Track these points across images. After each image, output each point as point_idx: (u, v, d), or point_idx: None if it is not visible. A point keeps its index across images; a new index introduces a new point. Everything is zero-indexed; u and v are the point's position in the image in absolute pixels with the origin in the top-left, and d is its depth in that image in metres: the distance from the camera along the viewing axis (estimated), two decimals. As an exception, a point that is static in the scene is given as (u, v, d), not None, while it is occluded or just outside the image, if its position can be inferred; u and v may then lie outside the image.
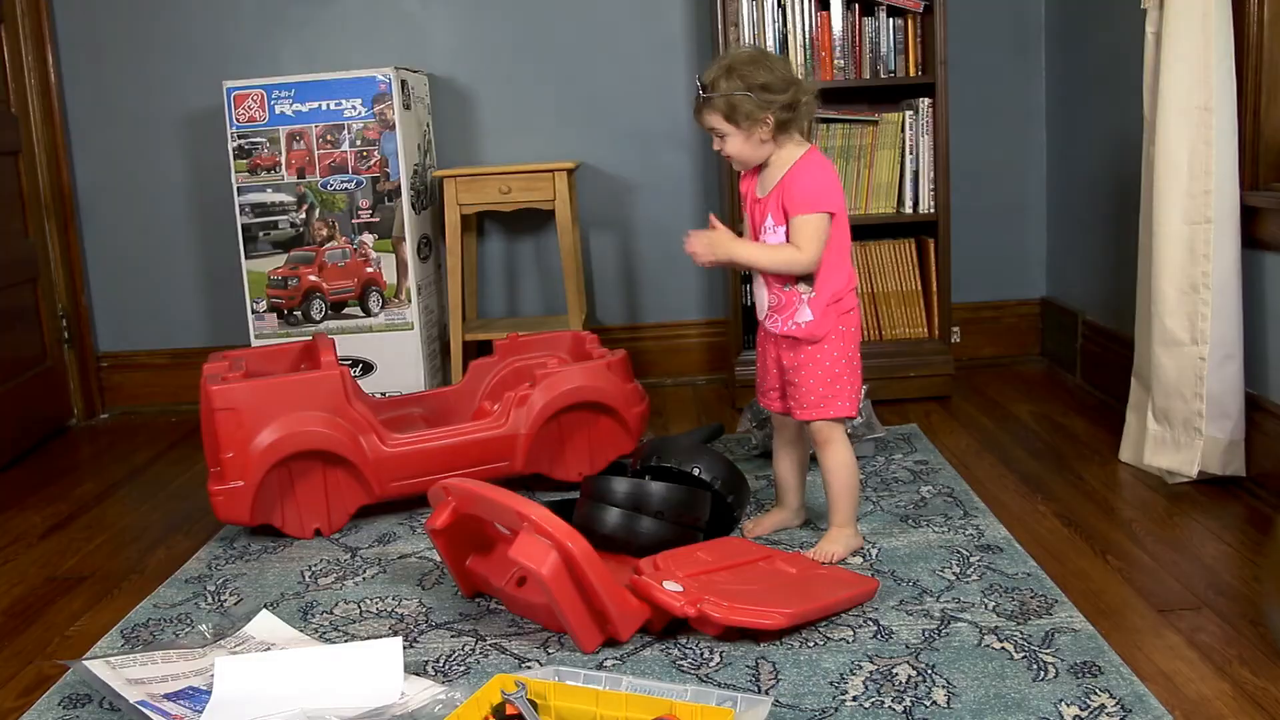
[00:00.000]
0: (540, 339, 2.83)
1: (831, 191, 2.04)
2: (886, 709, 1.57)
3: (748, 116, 2.01)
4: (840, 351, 2.08)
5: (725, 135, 2.05)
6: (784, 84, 2.01)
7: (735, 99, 1.99)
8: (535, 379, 2.49)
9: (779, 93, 2.00)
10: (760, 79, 2.00)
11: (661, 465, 2.16)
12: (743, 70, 2.00)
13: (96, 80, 3.53)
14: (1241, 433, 2.35)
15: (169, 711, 1.61)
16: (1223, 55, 2.26)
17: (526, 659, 1.78)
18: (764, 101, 1.99)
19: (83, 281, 3.60)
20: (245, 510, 2.28)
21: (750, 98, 1.99)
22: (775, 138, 2.04)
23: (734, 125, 2.03)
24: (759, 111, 2.00)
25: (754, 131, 2.02)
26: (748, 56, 2.04)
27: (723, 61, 2.04)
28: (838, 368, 2.08)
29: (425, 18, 3.50)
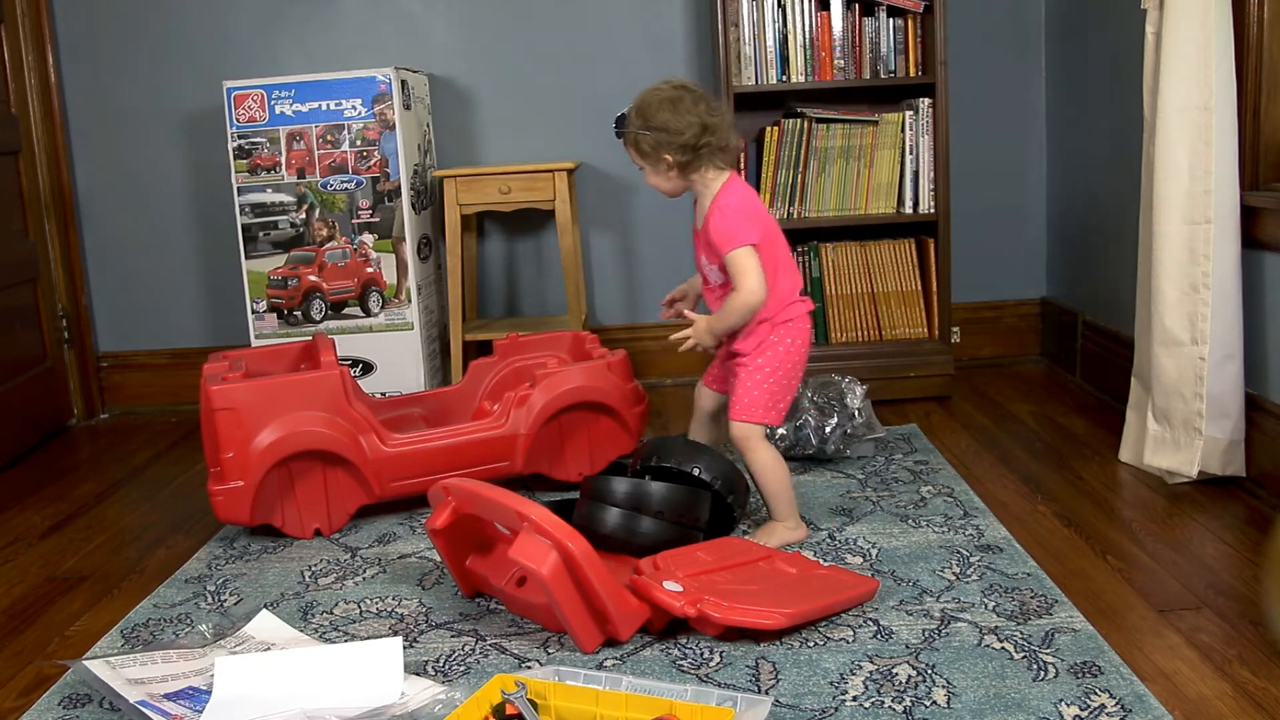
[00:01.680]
0: (540, 339, 2.83)
1: (744, 227, 2.10)
2: (886, 709, 1.57)
3: (648, 155, 2.13)
4: (774, 365, 2.17)
5: (641, 168, 2.18)
6: (684, 126, 2.09)
7: (639, 137, 2.12)
8: (535, 379, 2.49)
9: (677, 134, 2.09)
10: (661, 119, 2.09)
11: (661, 465, 2.16)
12: (648, 111, 2.11)
13: (96, 80, 3.54)
14: (1241, 433, 2.35)
15: (169, 711, 1.61)
16: (1223, 55, 2.26)
17: (526, 659, 1.78)
18: (659, 141, 2.10)
19: (83, 281, 3.60)
20: (245, 510, 2.28)
21: (648, 136, 2.10)
22: (683, 174, 2.14)
23: (643, 159, 2.15)
24: (656, 151, 2.11)
25: (658, 168, 2.14)
26: (659, 99, 2.12)
27: (637, 99, 2.15)
28: (768, 381, 2.17)
29: (425, 18, 3.51)
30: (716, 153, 2.13)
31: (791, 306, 2.19)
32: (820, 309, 3.28)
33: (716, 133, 2.11)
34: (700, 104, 2.12)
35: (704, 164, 2.13)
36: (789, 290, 2.19)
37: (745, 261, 2.09)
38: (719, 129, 2.11)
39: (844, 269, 3.29)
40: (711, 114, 2.12)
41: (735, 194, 2.14)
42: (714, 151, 2.12)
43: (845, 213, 3.26)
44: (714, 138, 2.11)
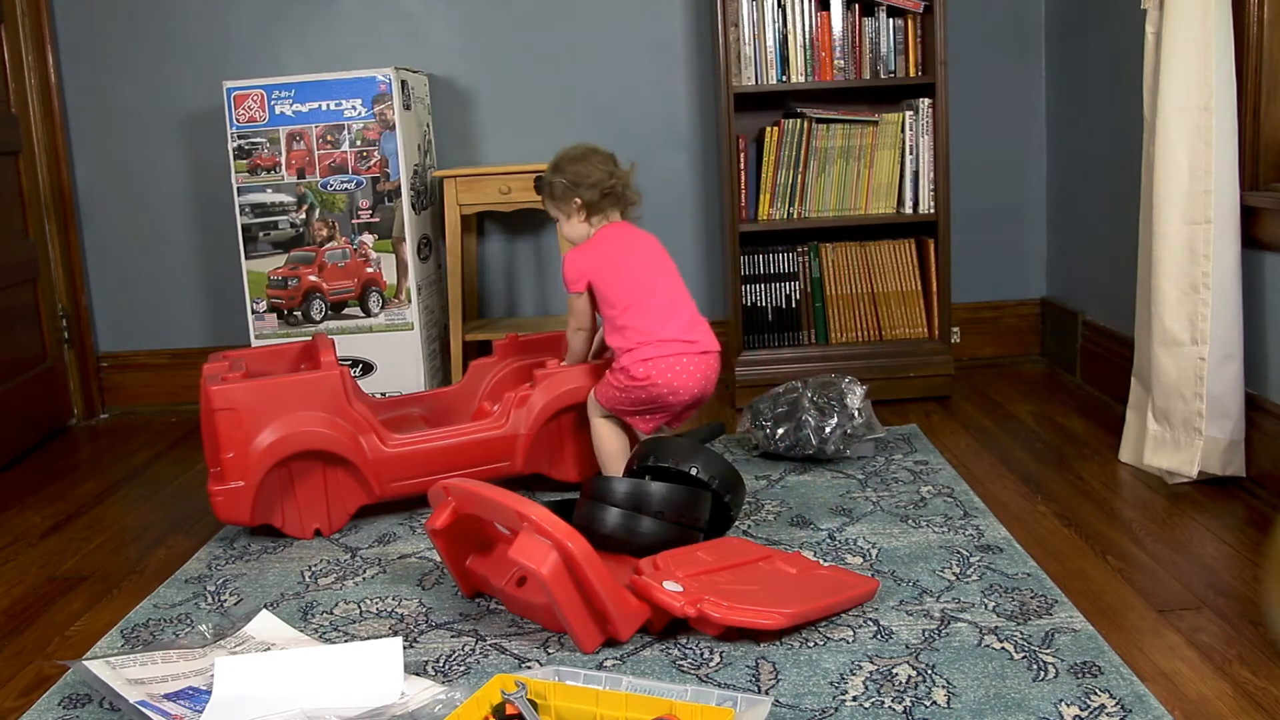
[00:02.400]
0: (539, 339, 2.83)
1: (573, 277, 2.39)
2: (886, 709, 1.57)
3: (560, 199, 2.41)
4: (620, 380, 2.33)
5: (556, 219, 2.47)
6: (591, 172, 2.38)
7: (553, 184, 2.42)
8: (535, 379, 2.49)
9: (585, 177, 2.38)
10: (573, 169, 2.39)
11: (658, 465, 2.16)
12: (562, 163, 2.42)
13: (96, 80, 3.54)
14: (1241, 433, 2.35)
15: (169, 711, 1.61)
16: (1223, 55, 2.26)
17: (526, 659, 1.78)
18: (573, 186, 2.39)
19: (83, 281, 3.60)
20: (245, 510, 2.28)
21: (563, 183, 2.40)
22: (589, 219, 2.42)
23: (556, 208, 2.44)
24: (569, 195, 2.39)
25: (570, 213, 2.42)
26: (572, 155, 2.42)
27: (557, 156, 2.44)
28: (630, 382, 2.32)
29: (425, 18, 3.51)
30: (619, 200, 2.42)
31: (652, 345, 2.31)
32: (820, 309, 3.29)
33: (621, 180, 2.41)
34: (607, 162, 2.42)
35: (608, 209, 2.41)
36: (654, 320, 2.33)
37: (571, 305, 2.45)
38: (624, 180, 2.42)
39: (844, 269, 3.29)
40: (615, 167, 2.42)
41: (585, 247, 2.41)
42: (617, 199, 2.42)
43: (845, 213, 3.26)
44: (617, 183, 2.40)
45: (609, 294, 2.36)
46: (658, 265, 2.40)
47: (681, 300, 2.38)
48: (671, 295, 2.37)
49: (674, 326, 2.32)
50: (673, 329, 2.32)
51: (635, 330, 2.32)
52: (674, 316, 2.34)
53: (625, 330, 2.33)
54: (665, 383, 2.30)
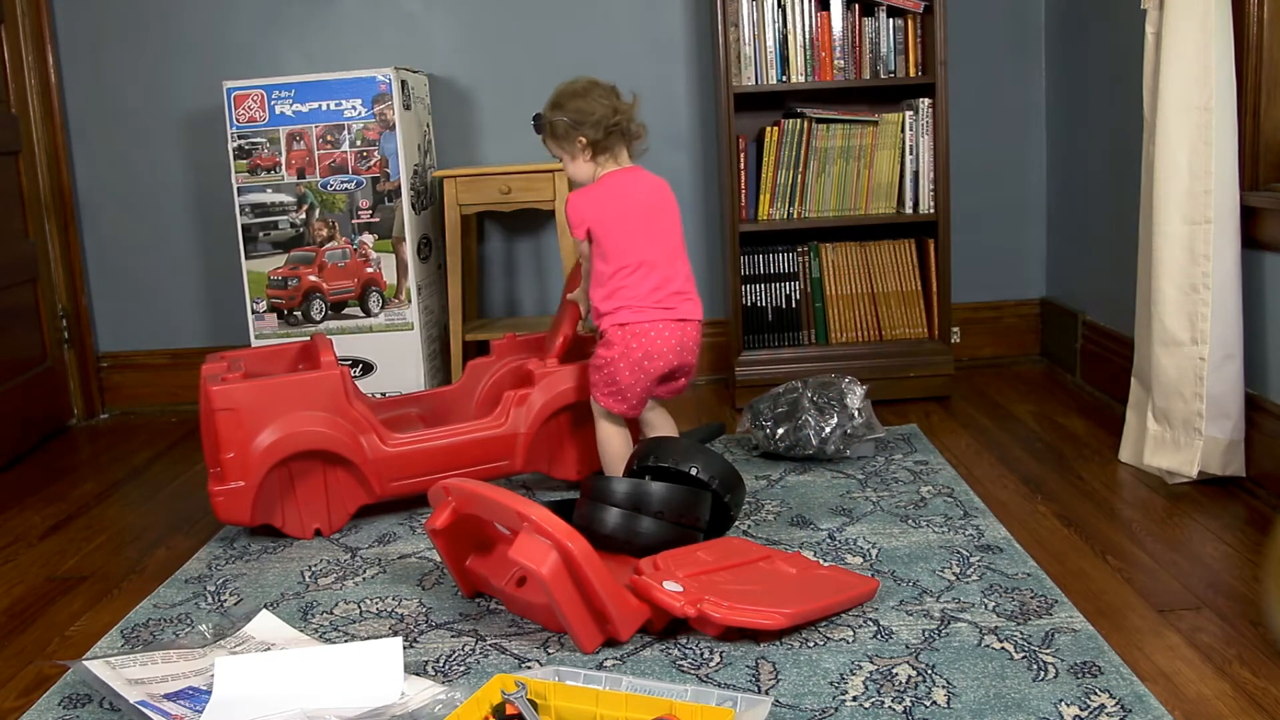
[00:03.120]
0: (538, 339, 2.83)
1: (576, 221, 2.31)
2: (886, 709, 1.57)
3: (564, 138, 2.31)
4: (603, 350, 2.30)
5: (560, 158, 2.37)
6: (595, 108, 2.29)
7: (555, 123, 2.31)
8: (534, 378, 2.49)
9: (589, 114, 2.28)
10: (575, 105, 2.29)
11: (658, 464, 2.16)
12: (563, 100, 2.32)
13: (96, 80, 3.54)
14: (1241, 433, 2.35)
15: (169, 711, 1.61)
16: (1223, 55, 2.26)
17: (526, 659, 1.78)
18: (577, 123, 2.29)
19: (83, 281, 3.60)
20: (245, 510, 2.28)
21: (565, 121, 2.29)
22: (595, 158, 2.32)
23: (560, 148, 2.34)
24: (573, 133, 2.30)
25: (575, 152, 2.32)
26: (572, 89, 2.32)
27: (555, 93, 2.35)
28: (596, 361, 2.32)
29: (425, 18, 3.51)
30: (624, 136, 2.32)
31: (629, 310, 2.27)
32: (820, 309, 3.29)
33: (625, 115, 2.31)
34: (610, 95, 2.32)
35: (614, 147, 2.32)
36: (644, 288, 2.27)
37: (583, 251, 2.36)
38: (627, 114, 2.32)
39: (844, 269, 3.29)
40: (619, 101, 2.32)
41: (590, 190, 2.32)
42: (622, 134, 2.32)
43: (845, 213, 3.26)
44: (622, 118, 2.30)
45: (606, 249, 2.28)
46: (661, 224, 2.31)
47: (677, 264, 2.31)
48: (669, 258, 2.30)
49: (661, 294, 2.28)
50: (658, 295, 2.28)
51: (623, 292, 2.27)
52: (666, 283, 2.28)
53: (614, 292, 2.28)
54: (640, 347, 2.26)
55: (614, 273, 2.28)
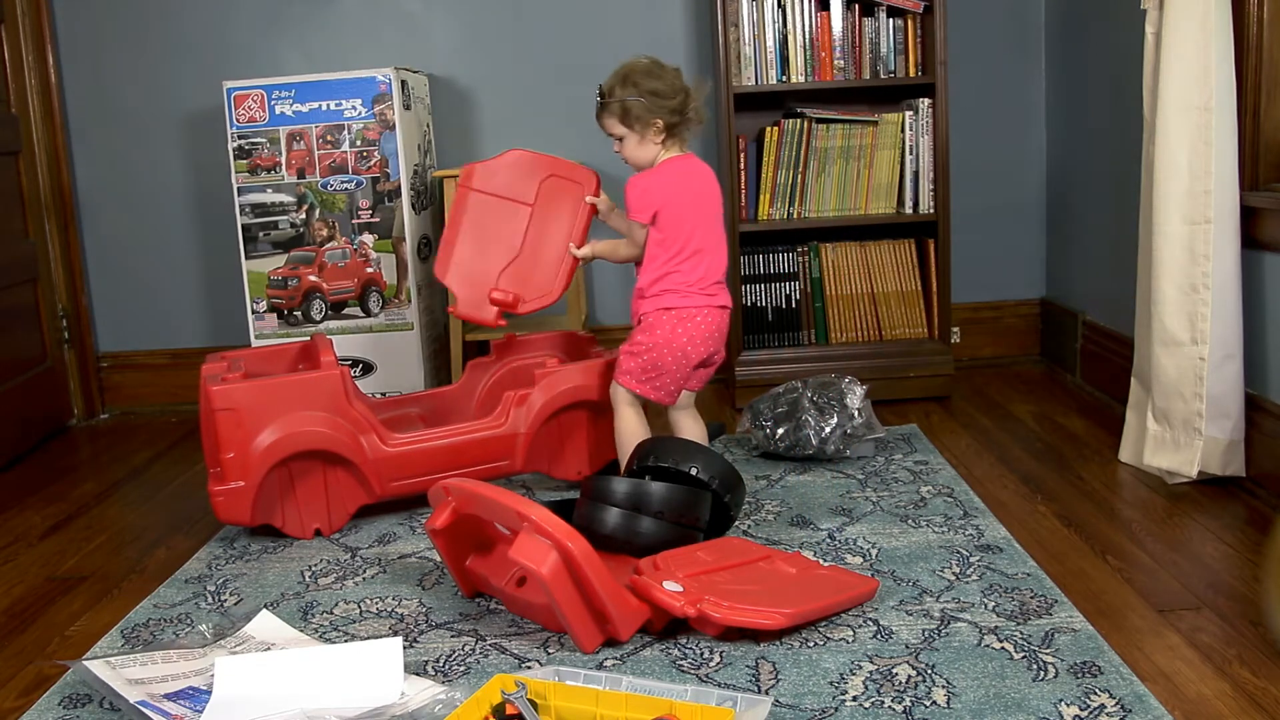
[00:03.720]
0: (537, 339, 2.83)
1: (645, 204, 2.27)
2: (886, 709, 1.57)
3: (639, 120, 2.25)
4: (651, 344, 2.29)
5: (622, 138, 2.30)
6: (673, 91, 2.25)
7: (629, 103, 2.24)
8: (534, 378, 2.49)
9: (668, 98, 2.24)
10: (651, 85, 2.23)
11: (658, 464, 2.16)
12: (636, 78, 2.24)
13: (96, 80, 3.54)
14: (1241, 433, 2.35)
15: (169, 711, 1.61)
16: (1223, 55, 2.26)
17: (526, 659, 1.78)
18: (655, 106, 2.23)
19: (83, 281, 3.60)
20: (246, 510, 2.28)
21: (642, 102, 2.23)
22: (665, 141, 2.28)
23: (628, 128, 2.27)
24: (649, 115, 2.24)
25: (646, 134, 2.27)
26: (643, 67, 2.26)
27: (620, 70, 2.27)
28: (642, 355, 2.31)
29: (425, 18, 3.51)
30: (692, 121, 2.29)
31: (676, 294, 2.29)
32: (820, 309, 3.29)
33: (696, 100, 2.28)
34: (679, 76, 2.28)
35: (682, 132, 2.30)
36: (685, 279, 2.28)
37: (635, 232, 2.32)
38: (698, 99, 2.29)
39: (844, 269, 3.29)
40: (687, 83, 2.28)
41: (660, 173, 2.29)
42: (690, 119, 2.29)
43: (845, 213, 3.26)
44: (695, 104, 2.27)
45: (668, 235, 2.28)
46: (713, 211, 2.33)
47: (723, 252, 2.33)
48: (717, 246, 2.32)
49: (707, 281, 2.30)
50: (705, 284, 2.30)
51: (673, 277, 2.28)
52: (713, 272, 2.31)
53: (663, 276, 2.28)
54: (685, 333, 2.28)
55: (670, 258, 2.29)
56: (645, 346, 2.31)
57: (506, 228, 2.50)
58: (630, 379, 2.34)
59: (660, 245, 2.29)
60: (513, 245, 2.49)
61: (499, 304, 2.47)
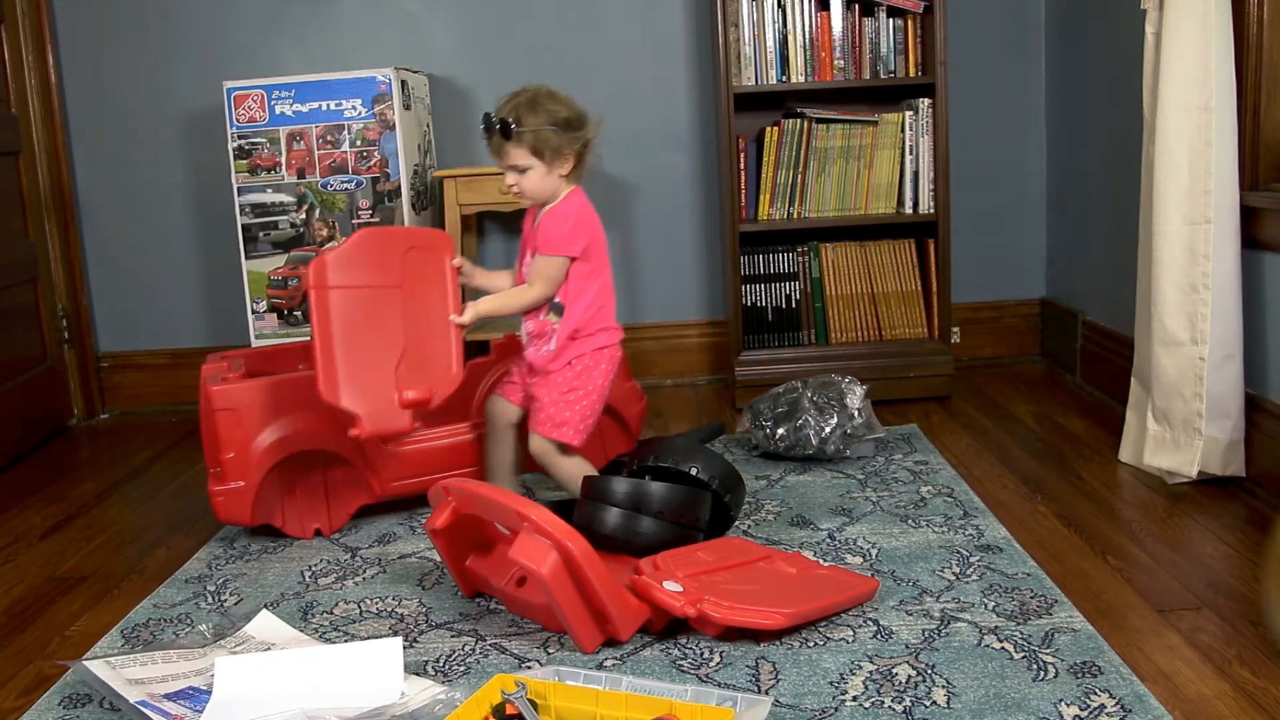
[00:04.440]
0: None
1: (576, 236, 2.14)
2: (886, 709, 1.57)
3: (553, 151, 2.10)
4: (588, 389, 2.21)
5: (527, 170, 2.12)
6: (581, 120, 2.13)
7: (544, 133, 2.08)
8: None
9: (579, 129, 2.12)
10: (563, 114, 2.10)
11: (658, 465, 2.16)
12: (548, 105, 2.10)
13: (96, 80, 3.54)
14: (1241, 433, 2.35)
15: (169, 711, 1.61)
16: (1223, 55, 2.26)
17: (526, 659, 1.78)
18: (569, 137, 2.10)
19: (83, 281, 3.60)
20: (246, 510, 2.28)
21: (557, 132, 2.08)
22: (567, 176, 2.15)
23: (538, 159, 2.11)
24: (566, 146, 2.10)
25: (554, 166, 2.12)
26: (549, 94, 2.12)
27: (521, 97, 2.11)
28: (581, 402, 2.21)
29: (425, 18, 3.51)
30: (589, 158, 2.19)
31: (608, 332, 2.24)
32: (820, 309, 3.29)
33: (595, 129, 2.16)
34: (571, 99, 2.17)
35: (583, 166, 2.18)
36: (609, 312, 2.24)
37: (551, 271, 2.15)
38: (595, 125, 2.17)
39: (844, 269, 3.29)
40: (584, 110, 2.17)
41: (578, 203, 2.18)
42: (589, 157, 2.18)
43: (845, 213, 3.26)
44: (594, 134, 2.16)
45: (599, 265, 2.19)
46: None
47: None
48: None
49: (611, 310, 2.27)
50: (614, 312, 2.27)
51: (605, 312, 2.23)
52: None
53: (598, 312, 2.21)
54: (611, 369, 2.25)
55: (600, 290, 2.21)
56: (584, 393, 2.21)
57: (383, 318, 2.16)
58: (570, 431, 2.21)
59: (589, 279, 2.19)
60: (396, 336, 2.16)
61: (414, 405, 2.15)
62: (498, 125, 2.11)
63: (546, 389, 2.23)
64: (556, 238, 2.15)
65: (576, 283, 2.20)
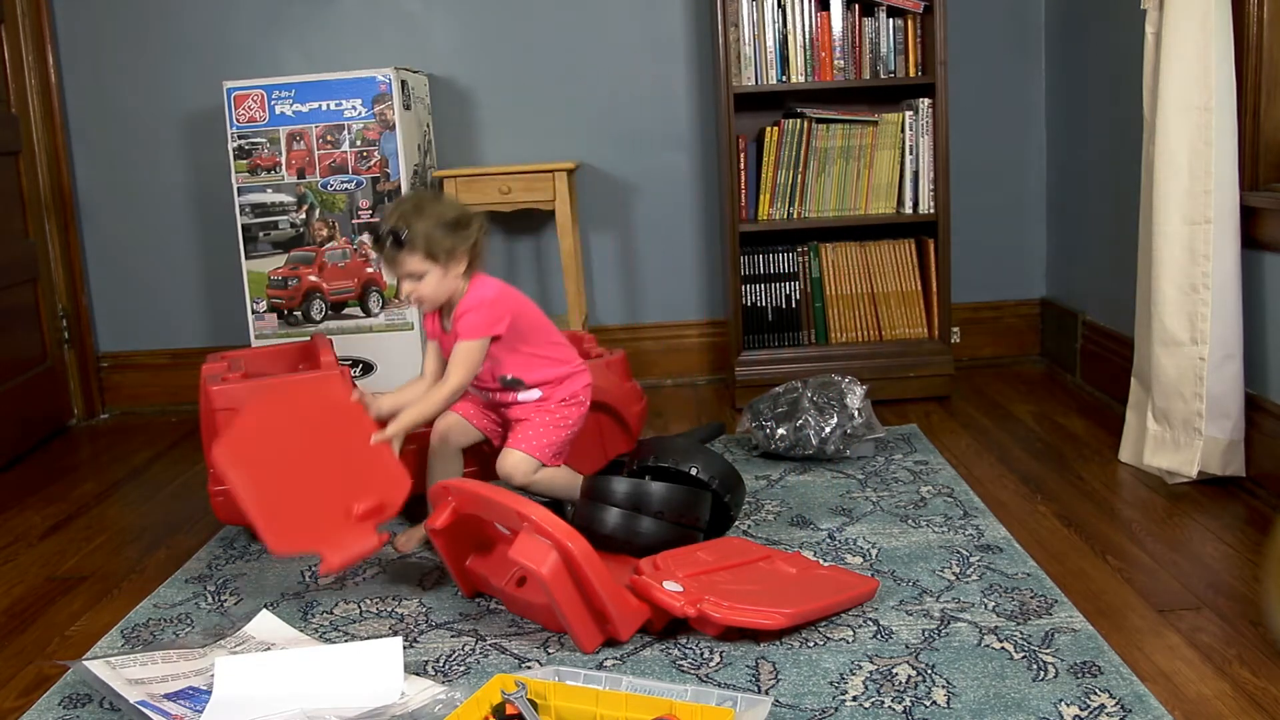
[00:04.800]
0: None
1: (497, 318, 2.12)
2: (886, 709, 1.57)
3: (448, 253, 2.06)
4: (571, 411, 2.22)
5: (423, 275, 2.08)
6: (469, 219, 2.10)
7: (434, 236, 2.04)
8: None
9: (467, 227, 2.09)
10: (450, 216, 2.07)
11: (658, 465, 2.16)
12: (434, 209, 2.07)
13: (96, 80, 3.54)
14: (1241, 433, 2.35)
15: (169, 711, 1.61)
16: (1223, 55, 2.26)
17: (526, 659, 1.78)
18: (461, 237, 2.07)
19: (83, 281, 3.60)
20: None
21: (447, 233, 2.05)
22: (464, 273, 2.11)
23: (434, 263, 2.07)
24: (457, 246, 2.06)
25: (450, 268, 2.08)
26: (432, 197, 2.11)
27: (406, 205, 2.09)
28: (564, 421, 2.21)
29: (425, 18, 3.51)
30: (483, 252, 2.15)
31: (572, 379, 2.24)
32: (820, 309, 3.29)
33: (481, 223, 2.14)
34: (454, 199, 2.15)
35: (477, 261, 2.14)
36: (563, 360, 2.23)
37: (468, 351, 2.11)
38: (480, 219, 2.15)
39: (844, 269, 3.29)
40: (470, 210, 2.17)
41: (487, 286, 2.14)
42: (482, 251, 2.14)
43: (845, 213, 3.26)
44: (483, 234, 2.14)
45: (533, 322, 2.20)
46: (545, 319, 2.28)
47: None
48: None
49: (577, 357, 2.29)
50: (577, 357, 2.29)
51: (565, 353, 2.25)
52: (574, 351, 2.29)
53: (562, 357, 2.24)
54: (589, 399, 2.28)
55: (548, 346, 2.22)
56: (574, 419, 2.24)
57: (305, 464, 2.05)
58: (548, 452, 2.21)
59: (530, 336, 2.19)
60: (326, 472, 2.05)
61: (370, 516, 2.02)
62: (389, 236, 2.07)
63: (536, 413, 2.23)
64: (479, 325, 2.12)
65: (525, 355, 2.19)
